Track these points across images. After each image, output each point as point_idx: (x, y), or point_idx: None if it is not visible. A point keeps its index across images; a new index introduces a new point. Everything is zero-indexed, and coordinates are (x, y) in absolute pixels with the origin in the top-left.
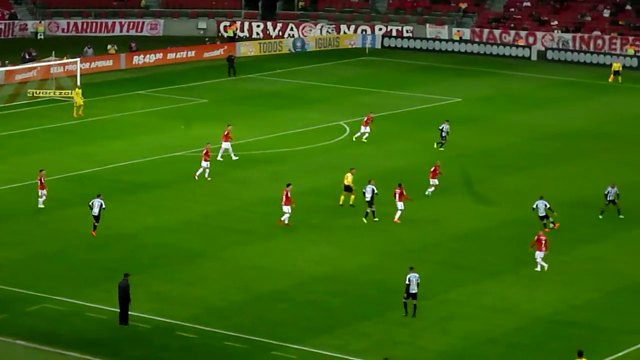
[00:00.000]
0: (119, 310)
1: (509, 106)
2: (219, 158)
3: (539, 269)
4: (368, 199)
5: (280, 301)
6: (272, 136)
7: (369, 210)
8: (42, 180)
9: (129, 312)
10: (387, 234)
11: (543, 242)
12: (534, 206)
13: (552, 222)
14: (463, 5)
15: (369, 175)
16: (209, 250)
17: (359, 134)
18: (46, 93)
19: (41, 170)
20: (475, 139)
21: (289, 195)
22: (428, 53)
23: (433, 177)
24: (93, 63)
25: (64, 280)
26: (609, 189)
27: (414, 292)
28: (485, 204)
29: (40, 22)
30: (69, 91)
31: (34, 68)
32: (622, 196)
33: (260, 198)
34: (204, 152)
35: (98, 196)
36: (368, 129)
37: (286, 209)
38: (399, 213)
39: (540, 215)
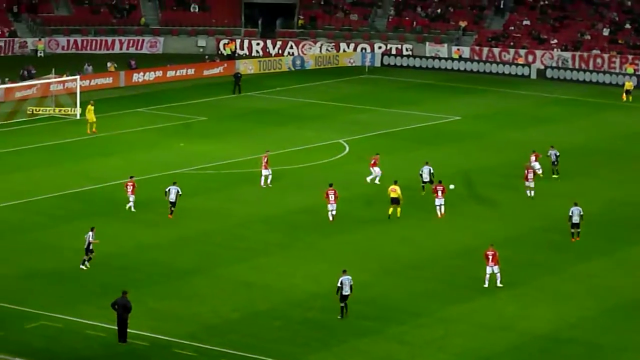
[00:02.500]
0: (117, 328)
1: (508, 124)
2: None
3: (486, 285)
4: (426, 179)
5: (277, 318)
6: (270, 154)
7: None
8: (134, 186)
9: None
10: (383, 250)
11: (490, 257)
12: (570, 213)
13: (578, 234)
14: (462, 24)
15: (367, 193)
16: (205, 268)
17: (540, 171)
18: (45, 110)
19: (131, 177)
20: (474, 157)
21: (336, 194)
22: (427, 71)
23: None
24: (93, 80)
25: (61, 298)
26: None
27: (346, 294)
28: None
29: (40, 39)
30: (69, 109)
31: (34, 85)
32: (618, 212)
33: (257, 215)
34: (264, 160)
35: (174, 183)
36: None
37: (332, 207)
38: (442, 208)
39: (574, 222)
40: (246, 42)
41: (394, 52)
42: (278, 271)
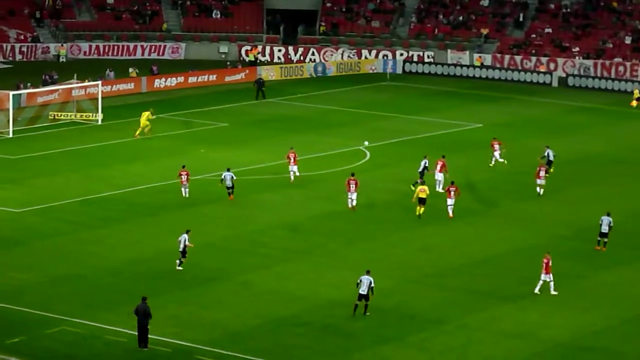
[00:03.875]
0: (137, 333)
1: (529, 132)
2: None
3: (553, 292)
4: (420, 170)
5: (298, 325)
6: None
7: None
8: (188, 175)
9: (149, 335)
10: (404, 259)
11: (544, 265)
12: (600, 221)
13: (604, 244)
14: (484, 31)
15: (389, 200)
16: (226, 274)
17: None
18: (67, 116)
19: (184, 167)
20: (495, 164)
21: (357, 183)
22: (449, 78)
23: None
24: (114, 86)
25: (82, 303)
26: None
27: (363, 293)
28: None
29: (62, 45)
30: (90, 114)
31: (56, 91)
32: (637, 224)
33: (278, 222)
34: (292, 157)
35: (228, 170)
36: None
37: (352, 195)
38: (451, 209)
39: (602, 231)
40: (268, 48)
41: (415, 59)
42: (300, 278)
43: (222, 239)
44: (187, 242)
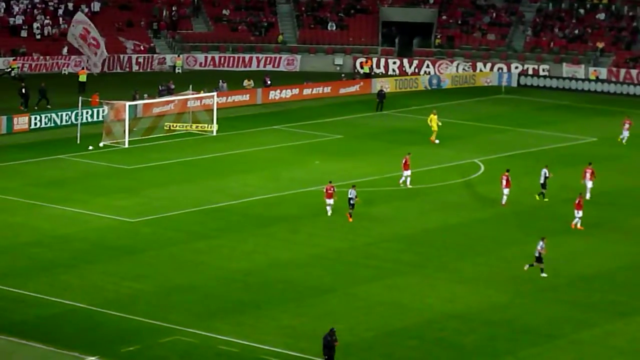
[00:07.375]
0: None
1: None
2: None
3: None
4: (542, 181)
5: (410, 338)
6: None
7: (543, 191)
8: (331, 191)
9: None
10: (518, 273)
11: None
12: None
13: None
14: (600, 45)
15: (502, 212)
16: (338, 286)
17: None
18: (183, 127)
19: (330, 182)
20: (610, 179)
21: (509, 179)
22: (564, 92)
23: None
24: (229, 97)
25: (195, 313)
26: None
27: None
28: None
29: (178, 56)
30: (205, 125)
31: (172, 102)
32: None
33: (391, 235)
34: (404, 161)
35: (353, 187)
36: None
37: (506, 191)
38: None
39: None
40: (383, 60)
41: (530, 72)
42: (412, 291)
43: (335, 251)
44: (542, 249)
